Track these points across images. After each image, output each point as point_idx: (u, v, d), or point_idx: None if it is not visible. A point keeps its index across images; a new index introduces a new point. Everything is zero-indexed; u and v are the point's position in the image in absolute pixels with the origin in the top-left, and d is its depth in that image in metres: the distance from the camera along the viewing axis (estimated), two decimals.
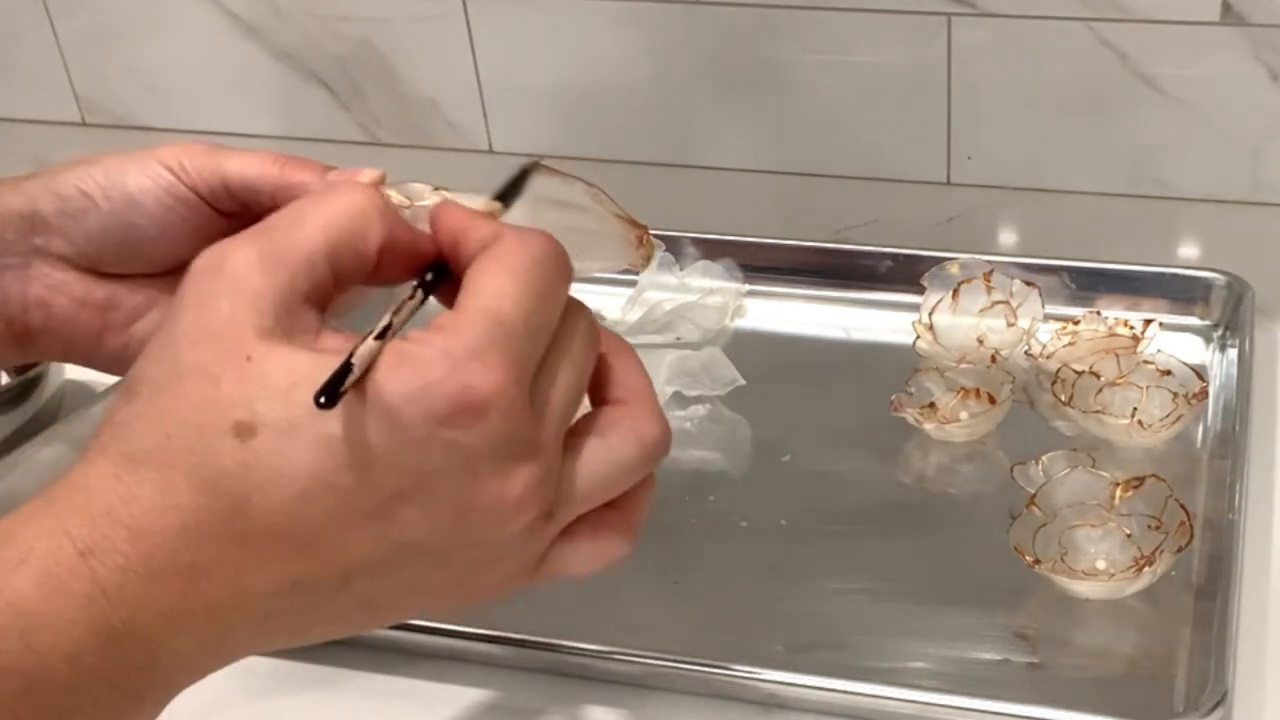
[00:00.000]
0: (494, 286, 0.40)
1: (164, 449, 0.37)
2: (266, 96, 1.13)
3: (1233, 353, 0.78)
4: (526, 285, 0.40)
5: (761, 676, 0.60)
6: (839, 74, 0.99)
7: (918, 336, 0.80)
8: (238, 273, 0.39)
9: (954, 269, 0.81)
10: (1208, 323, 0.81)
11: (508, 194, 0.46)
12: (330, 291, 0.41)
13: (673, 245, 0.87)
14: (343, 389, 0.36)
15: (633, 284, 0.86)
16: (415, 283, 0.42)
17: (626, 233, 0.49)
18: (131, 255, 0.52)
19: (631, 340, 0.42)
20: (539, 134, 1.08)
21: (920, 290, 0.81)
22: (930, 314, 0.80)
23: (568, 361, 0.42)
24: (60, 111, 1.19)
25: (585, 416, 0.43)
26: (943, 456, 0.74)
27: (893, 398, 0.75)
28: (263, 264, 0.39)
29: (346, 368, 0.37)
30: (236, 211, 0.52)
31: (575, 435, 0.42)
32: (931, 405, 0.74)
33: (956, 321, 0.80)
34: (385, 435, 0.38)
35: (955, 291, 0.80)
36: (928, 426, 0.74)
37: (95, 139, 1.16)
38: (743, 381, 0.79)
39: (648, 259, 0.50)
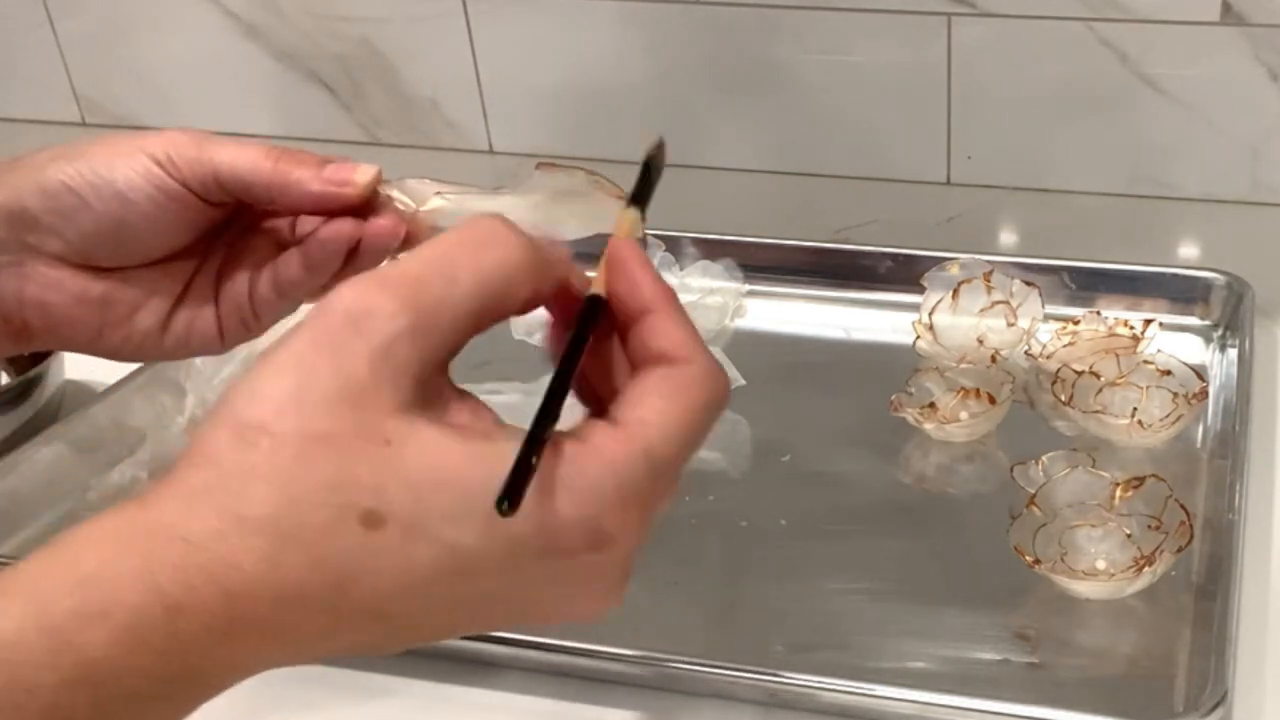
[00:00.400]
0: (663, 427, 0.38)
1: (280, 519, 0.35)
2: (266, 96, 1.13)
3: (1233, 353, 0.78)
4: (694, 436, 0.39)
5: (761, 676, 0.60)
6: (839, 74, 0.99)
7: (918, 336, 0.79)
8: (385, 339, 0.36)
9: (954, 269, 0.81)
10: (1208, 323, 0.81)
11: (642, 195, 0.44)
12: (466, 341, 0.39)
13: (673, 245, 0.87)
14: (522, 492, 0.35)
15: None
16: (572, 340, 0.39)
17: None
18: (125, 249, 0.52)
19: None
20: (539, 134, 1.08)
21: (920, 290, 0.81)
22: (930, 314, 0.80)
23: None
24: (60, 111, 1.19)
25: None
26: (943, 456, 0.74)
27: (893, 398, 0.75)
28: (413, 334, 0.36)
29: (524, 466, 0.35)
30: (227, 202, 0.52)
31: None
32: (931, 405, 0.74)
33: (956, 321, 0.80)
34: (503, 554, 0.37)
35: (955, 291, 0.80)
36: (928, 426, 0.74)
37: None
38: (743, 381, 0.79)
39: (644, 241, 0.50)
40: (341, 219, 0.51)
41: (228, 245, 0.54)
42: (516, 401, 0.41)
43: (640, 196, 0.44)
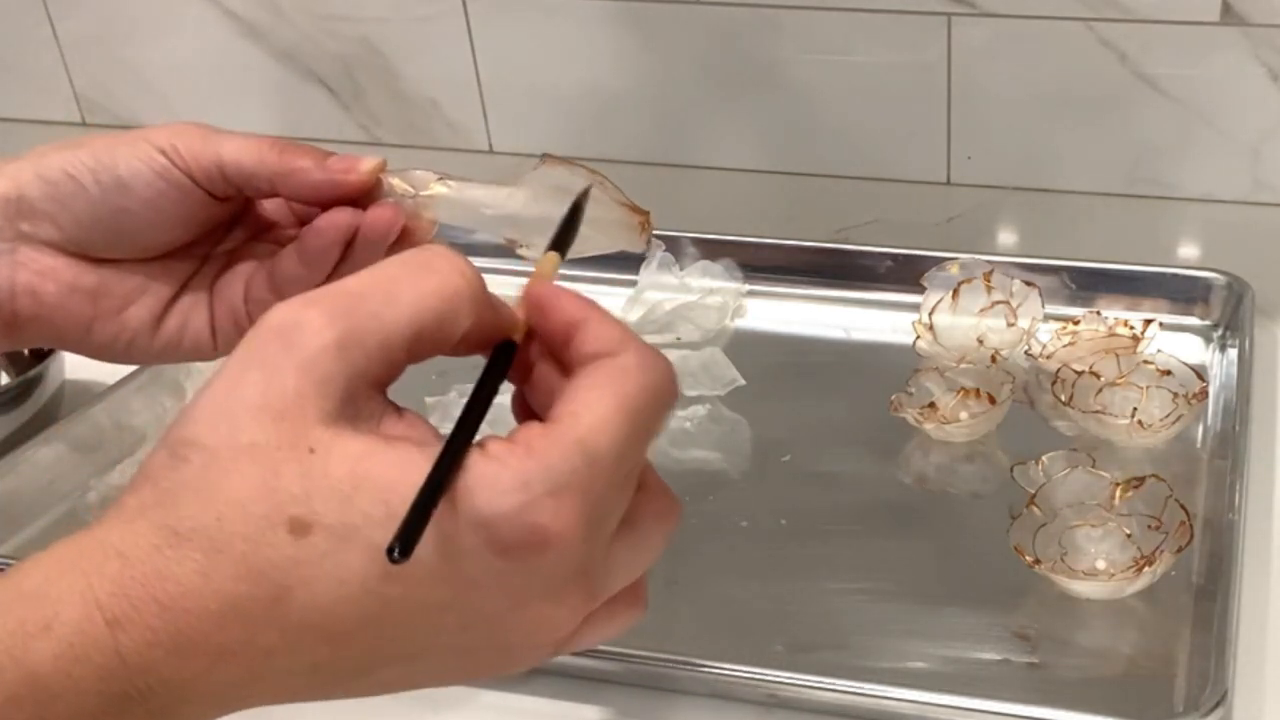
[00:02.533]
0: (596, 414, 0.37)
1: (211, 531, 0.35)
2: (266, 96, 1.13)
3: (1233, 353, 0.78)
4: (631, 422, 0.37)
5: (761, 676, 0.60)
6: (839, 74, 0.99)
7: (918, 336, 0.80)
8: (310, 352, 0.36)
9: (954, 269, 0.81)
10: (1208, 323, 0.81)
11: (562, 241, 0.44)
12: (401, 370, 0.38)
13: (673, 245, 0.87)
14: (415, 539, 0.34)
15: (633, 284, 0.86)
16: (483, 376, 0.39)
17: (629, 219, 0.50)
18: (122, 240, 0.51)
19: None
20: (538, 134, 1.08)
21: (920, 290, 0.81)
22: (930, 314, 0.80)
23: (647, 536, 0.40)
24: (60, 111, 1.19)
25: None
26: (943, 456, 0.74)
27: (893, 398, 0.75)
28: (341, 346, 0.36)
29: (421, 513, 0.34)
30: (230, 195, 0.52)
31: None
32: (931, 405, 0.74)
33: (956, 321, 0.80)
34: (441, 554, 0.36)
35: (955, 291, 0.80)
36: (928, 426, 0.74)
37: None
38: (743, 381, 0.79)
39: (648, 243, 0.50)
40: (339, 209, 0.51)
41: (226, 253, 0.54)
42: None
43: (562, 242, 0.44)
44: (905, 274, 0.84)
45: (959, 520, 0.71)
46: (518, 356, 0.40)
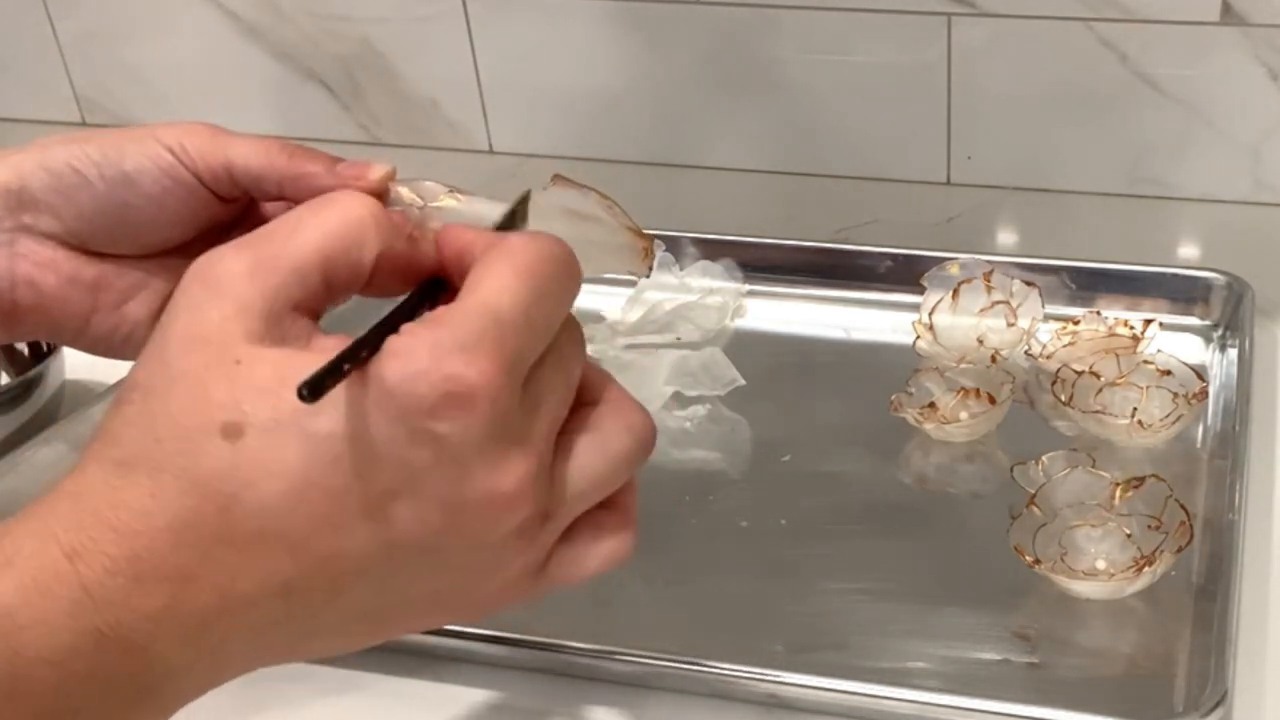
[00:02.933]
0: (494, 281, 0.39)
1: (153, 453, 0.37)
2: (266, 96, 1.13)
3: (1233, 353, 0.78)
4: (528, 281, 0.39)
5: (761, 676, 0.60)
6: (839, 74, 0.99)
7: (918, 336, 0.80)
8: (227, 280, 0.39)
9: (954, 269, 0.81)
10: (1208, 323, 0.81)
11: (507, 226, 0.46)
12: (323, 301, 0.40)
13: (673, 245, 0.87)
14: (327, 382, 0.36)
15: (633, 284, 0.86)
16: (413, 291, 0.42)
17: (634, 243, 0.50)
18: (123, 235, 0.51)
19: (631, 340, 0.42)
20: (539, 134, 1.08)
21: (920, 290, 0.81)
22: (930, 314, 0.80)
23: (561, 362, 0.41)
24: (60, 111, 1.19)
25: (571, 418, 0.43)
26: (943, 456, 0.74)
27: (893, 398, 0.75)
28: (252, 272, 0.39)
29: (335, 364, 0.36)
30: (236, 197, 0.52)
31: (564, 435, 0.42)
32: (931, 405, 0.74)
33: (956, 321, 0.80)
34: (371, 430, 0.37)
35: (955, 291, 0.80)
36: (928, 426, 0.74)
37: None
38: (743, 381, 0.79)
39: (651, 268, 0.51)
40: None
41: None
42: None
43: (505, 227, 0.46)
44: (905, 274, 0.84)
45: (959, 520, 0.71)
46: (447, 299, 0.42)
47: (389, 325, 0.39)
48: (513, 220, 0.47)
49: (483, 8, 1.04)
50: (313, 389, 0.35)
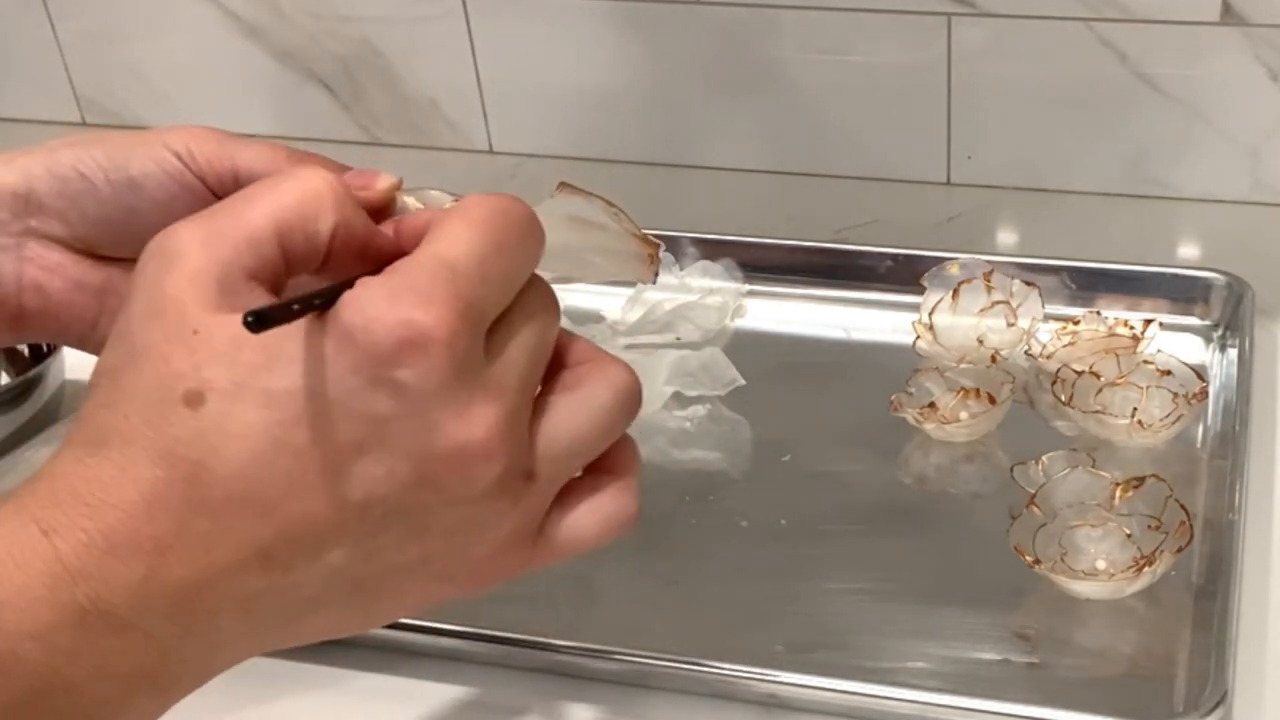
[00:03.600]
0: (448, 233, 0.39)
1: (122, 428, 0.38)
2: (266, 96, 1.13)
3: (1233, 353, 0.78)
4: (483, 233, 0.39)
5: (761, 676, 0.60)
6: (839, 74, 0.99)
7: (918, 336, 0.80)
8: (182, 251, 0.39)
9: (954, 269, 0.81)
10: (1208, 323, 0.81)
11: None
12: (281, 273, 0.40)
13: (673, 245, 0.87)
14: (275, 315, 0.36)
15: (633, 284, 0.86)
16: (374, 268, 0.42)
17: (640, 250, 0.50)
18: (129, 239, 0.51)
19: (631, 340, 0.42)
20: (539, 134, 1.08)
21: (920, 290, 0.81)
22: (930, 314, 0.80)
23: (528, 317, 0.41)
24: (60, 111, 1.19)
25: (549, 381, 0.42)
26: (943, 456, 0.74)
27: (893, 398, 0.75)
28: (205, 241, 0.39)
29: (286, 302, 0.36)
30: None
31: (544, 396, 0.42)
32: (931, 405, 0.74)
33: (956, 321, 0.80)
34: (330, 383, 0.37)
35: (955, 291, 0.80)
36: (928, 426, 0.74)
37: None
38: (743, 381, 0.79)
39: (656, 275, 0.51)
40: None
41: None
42: None
43: None
44: (905, 274, 0.84)
45: (959, 520, 0.71)
46: None
47: (345, 284, 0.38)
48: None
49: (483, 8, 1.04)
50: (259, 318, 0.35)
